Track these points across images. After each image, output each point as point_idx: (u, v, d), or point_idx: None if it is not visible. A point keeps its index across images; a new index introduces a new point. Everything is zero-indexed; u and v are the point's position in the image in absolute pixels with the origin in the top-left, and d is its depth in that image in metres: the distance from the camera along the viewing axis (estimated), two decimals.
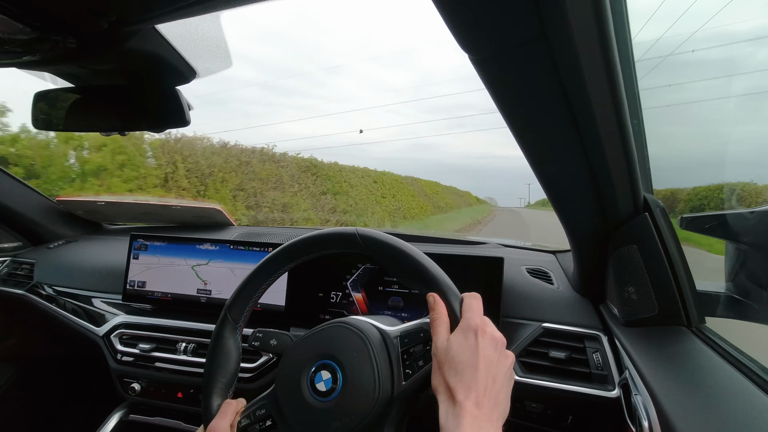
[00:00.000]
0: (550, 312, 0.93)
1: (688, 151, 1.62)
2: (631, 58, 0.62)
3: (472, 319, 0.52)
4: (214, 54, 0.66)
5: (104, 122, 0.78)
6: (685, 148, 1.59)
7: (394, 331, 0.60)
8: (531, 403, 0.86)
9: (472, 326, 0.51)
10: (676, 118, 1.64)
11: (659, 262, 0.71)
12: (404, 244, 0.59)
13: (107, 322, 1.18)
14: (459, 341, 0.50)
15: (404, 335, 0.58)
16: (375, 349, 0.57)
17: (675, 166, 1.32)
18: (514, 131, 0.61)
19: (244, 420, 0.60)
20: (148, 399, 1.14)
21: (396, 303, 1.00)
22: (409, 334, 0.58)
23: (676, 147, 1.42)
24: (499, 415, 0.47)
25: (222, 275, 1.16)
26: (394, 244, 0.59)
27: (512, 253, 1.25)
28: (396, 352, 0.57)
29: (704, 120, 1.70)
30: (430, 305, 0.55)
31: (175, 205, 1.56)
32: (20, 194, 1.50)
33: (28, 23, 0.48)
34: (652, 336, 0.72)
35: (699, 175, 1.94)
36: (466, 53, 0.48)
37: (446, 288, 0.56)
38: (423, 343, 0.56)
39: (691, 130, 1.70)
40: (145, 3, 0.49)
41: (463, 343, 0.50)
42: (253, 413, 0.60)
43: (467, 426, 0.43)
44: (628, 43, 0.61)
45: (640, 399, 0.62)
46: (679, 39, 1.61)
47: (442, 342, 0.51)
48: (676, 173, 1.41)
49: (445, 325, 0.53)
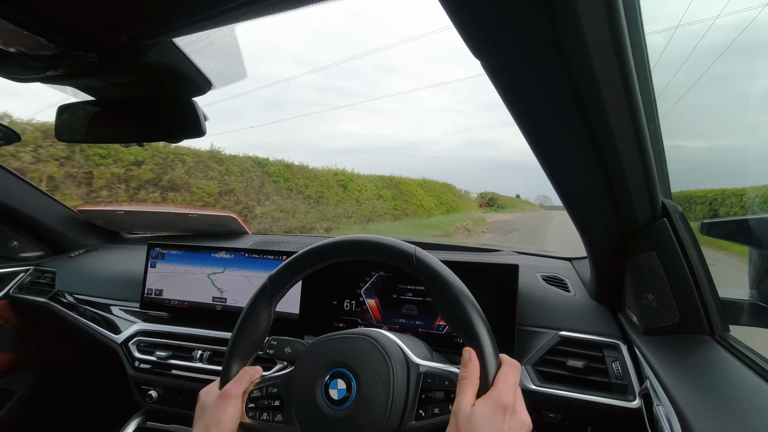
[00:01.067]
0: (566, 320, 0.91)
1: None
2: (647, 61, 0.62)
3: (505, 393, 0.50)
4: (230, 65, 0.67)
5: (123, 134, 0.80)
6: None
7: (421, 365, 0.58)
8: (549, 414, 0.85)
9: (503, 402, 0.49)
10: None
11: (679, 268, 0.69)
12: (458, 284, 0.57)
13: (125, 330, 1.20)
14: (485, 413, 0.48)
15: (429, 375, 0.57)
16: (396, 376, 0.56)
17: None
18: (527, 137, 0.60)
19: (256, 391, 0.62)
20: (165, 406, 1.15)
21: (410, 311, 0.99)
22: (434, 376, 0.56)
23: None
24: None
25: (238, 283, 1.17)
26: (448, 280, 0.57)
27: (527, 260, 1.24)
28: (416, 388, 0.56)
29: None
30: (464, 360, 0.53)
31: (191, 214, 1.59)
32: (43, 204, 1.55)
33: (52, 39, 0.50)
34: (674, 345, 0.70)
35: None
36: (479, 60, 0.48)
37: (487, 349, 0.53)
38: (445, 392, 0.55)
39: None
40: (163, 17, 0.51)
41: (489, 417, 0.48)
42: (266, 388, 0.62)
43: None
44: (643, 47, 0.60)
45: (663, 410, 0.60)
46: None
47: (466, 407, 0.49)
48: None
49: (473, 387, 0.51)
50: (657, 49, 0.63)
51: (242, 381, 0.61)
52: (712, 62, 1.81)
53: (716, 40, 2.57)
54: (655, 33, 0.69)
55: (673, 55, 2.76)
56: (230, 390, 0.60)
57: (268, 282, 0.65)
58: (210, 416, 0.58)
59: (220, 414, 0.58)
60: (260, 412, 0.60)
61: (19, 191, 1.46)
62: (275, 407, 0.60)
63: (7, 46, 0.50)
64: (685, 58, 2.79)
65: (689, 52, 3.41)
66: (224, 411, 0.58)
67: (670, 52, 1.35)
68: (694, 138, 7.64)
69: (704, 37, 3.08)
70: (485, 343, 0.53)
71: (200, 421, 0.59)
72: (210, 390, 0.63)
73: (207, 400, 0.61)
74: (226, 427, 0.57)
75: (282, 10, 0.47)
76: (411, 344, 0.63)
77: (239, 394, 0.60)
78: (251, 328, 0.64)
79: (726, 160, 1.88)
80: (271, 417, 0.60)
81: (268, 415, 0.60)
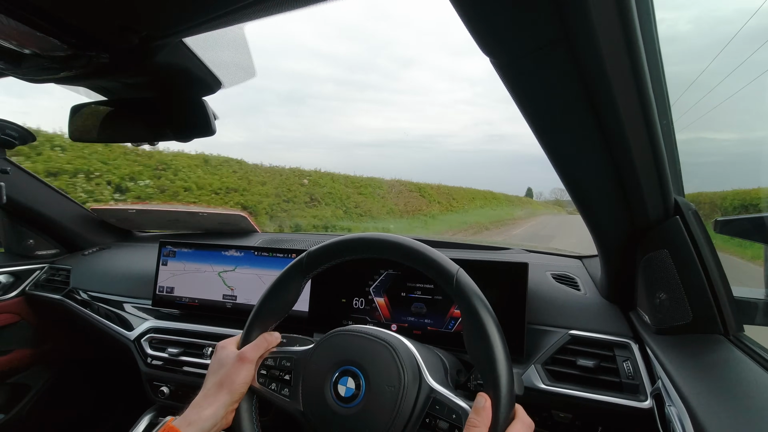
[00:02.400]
0: (577, 319, 0.91)
1: None
2: (659, 55, 0.61)
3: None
4: (239, 64, 0.68)
5: (134, 133, 0.81)
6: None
7: (434, 389, 0.57)
8: (559, 413, 0.84)
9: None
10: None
11: (692, 267, 0.68)
12: (494, 324, 0.54)
13: (138, 327, 1.22)
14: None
15: (438, 401, 0.56)
16: (406, 393, 0.56)
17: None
18: (537, 134, 0.60)
19: (270, 360, 0.64)
20: (177, 402, 1.16)
21: (419, 309, 0.99)
22: (443, 405, 0.55)
23: None
24: None
25: (248, 281, 1.18)
26: (483, 314, 0.54)
27: (537, 259, 1.23)
28: (422, 410, 0.56)
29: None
30: (477, 406, 0.51)
31: (201, 212, 1.60)
32: (58, 204, 1.57)
33: (65, 41, 0.51)
34: (686, 344, 0.69)
35: None
36: (488, 57, 0.48)
37: (504, 399, 0.51)
38: (450, 424, 0.54)
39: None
40: (174, 18, 0.51)
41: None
42: (280, 359, 0.63)
43: None
44: (655, 41, 0.59)
45: (675, 411, 0.59)
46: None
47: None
48: None
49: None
50: (686, 36, 0.61)
51: (260, 347, 0.64)
52: (751, 51, 1.72)
53: (752, 25, 2.48)
54: (682, 21, 0.67)
55: (704, 43, 2.64)
56: (247, 353, 0.62)
57: (306, 257, 0.66)
58: (225, 374, 0.61)
59: (235, 375, 0.60)
60: (270, 381, 0.62)
61: (34, 191, 1.49)
62: (284, 381, 0.62)
63: (22, 48, 0.51)
64: (718, 45, 2.69)
65: (721, 39, 3.32)
66: (238, 373, 0.61)
67: (699, 41, 1.29)
68: (724, 130, 7.45)
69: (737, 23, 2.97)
70: (503, 393, 0.51)
71: (214, 375, 0.62)
72: (227, 346, 0.65)
73: (224, 356, 0.63)
74: (238, 388, 0.60)
75: (290, 9, 0.47)
76: (428, 360, 0.62)
77: (255, 358, 0.63)
78: (279, 296, 0.66)
79: (758, 153, 1.84)
80: (279, 389, 0.62)
81: (276, 386, 0.62)
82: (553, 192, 66.00)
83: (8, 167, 1.29)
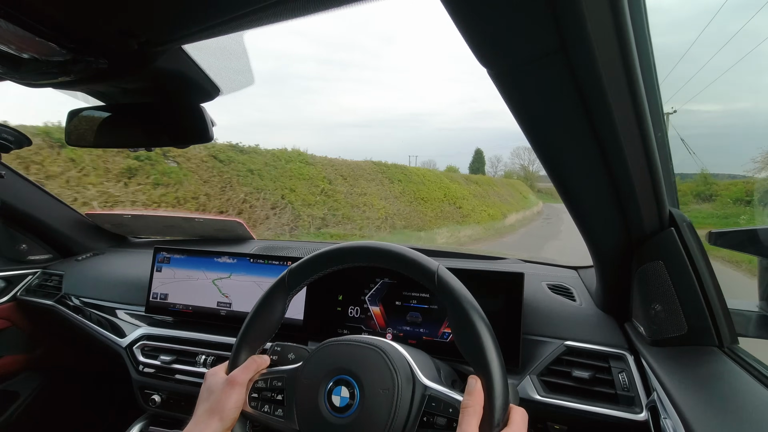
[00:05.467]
0: (572, 329, 0.90)
1: None
2: (653, 68, 0.61)
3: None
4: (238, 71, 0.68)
5: (132, 139, 0.81)
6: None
7: (428, 387, 0.58)
8: (554, 425, 0.83)
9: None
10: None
11: (687, 278, 0.68)
12: (477, 311, 0.56)
13: (130, 334, 1.21)
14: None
15: (434, 398, 0.56)
16: (401, 394, 0.56)
17: None
18: (533, 144, 0.60)
19: (261, 382, 0.63)
20: (168, 411, 1.15)
21: (414, 318, 0.98)
22: (439, 401, 0.56)
23: None
24: None
25: (243, 289, 1.17)
26: (467, 306, 0.56)
27: (532, 269, 1.23)
28: (418, 409, 0.56)
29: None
30: (469, 388, 0.52)
31: (197, 218, 1.60)
32: (51, 208, 1.56)
33: (64, 45, 0.51)
34: (681, 356, 0.69)
35: None
36: (484, 67, 0.48)
37: (497, 382, 0.52)
38: (448, 419, 0.54)
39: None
40: (173, 24, 0.51)
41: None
42: (270, 380, 0.62)
43: None
44: (650, 54, 0.60)
45: (670, 423, 0.59)
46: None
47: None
48: None
49: (476, 417, 0.51)
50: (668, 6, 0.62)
51: (249, 369, 0.62)
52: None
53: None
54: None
55: (686, 13, 2.63)
56: (237, 377, 0.61)
57: (287, 275, 0.65)
58: (215, 400, 0.59)
59: (225, 399, 0.59)
60: (262, 404, 0.61)
61: (28, 194, 1.48)
62: (277, 401, 0.61)
63: (20, 52, 0.51)
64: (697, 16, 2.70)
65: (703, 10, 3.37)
66: (229, 397, 0.59)
67: (680, 11, 1.27)
68: (707, 101, 7.51)
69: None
70: (495, 376, 0.52)
71: (205, 402, 0.60)
72: (217, 372, 0.64)
73: (213, 383, 0.62)
74: (229, 413, 0.58)
75: (289, 18, 0.47)
76: (420, 361, 0.62)
77: (245, 381, 0.61)
78: (264, 316, 0.65)
79: (742, 124, 1.80)
80: (272, 410, 0.60)
81: (269, 407, 0.61)
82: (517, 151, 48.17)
83: (3, 171, 1.28)
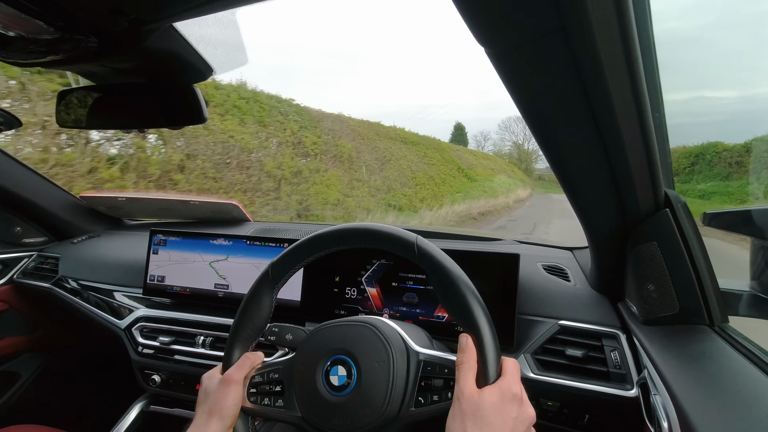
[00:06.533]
0: (566, 309, 0.92)
1: None
2: (653, 49, 0.61)
3: (514, 385, 0.51)
4: (231, 50, 0.67)
5: (124, 120, 0.80)
6: None
7: (421, 353, 0.59)
8: (547, 402, 0.85)
9: (513, 392, 0.50)
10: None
11: (680, 259, 0.69)
12: (459, 272, 0.57)
13: (129, 315, 1.22)
14: (494, 402, 0.49)
15: (428, 363, 0.58)
16: (396, 364, 0.57)
17: None
18: (530, 124, 0.60)
19: (258, 377, 0.63)
20: (168, 390, 1.17)
21: (411, 299, 0.99)
22: (434, 364, 0.57)
23: None
24: None
25: (240, 270, 1.17)
26: (449, 268, 0.57)
27: (528, 250, 1.24)
28: (415, 375, 0.57)
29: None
30: (461, 346, 0.54)
31: (193, 201, 1.59)
32: (46, 191, 1.55)
33: (52, 23, 0.50)
34: (673, 335, 0.71)
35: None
36: (482, 46, 0.48)
37: (486, 336, 0.54)
38: (444, 379, 0.56)
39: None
40: (163, 1, 0.50)
41: (498, 405, 0.49)
42: (267, 374, 0.63)
43: None
44: (650, 35, 0.59)
45: (660, 399, 0.60)
46: None
47: (471, 392, 0.50)
48: None
49: (472, 372, 0.52)
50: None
51: (244, 366, 0.62)
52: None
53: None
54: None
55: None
56: (232, 375, 0.61)
57: (270, 269, 0.66)
58: (213, 401, 0.59)
59: (223, 399, 0.59)
60: (262, 397, 0.62)
61: (22, 177, 1.47)
62: (276, 392, 0.61)
63: (7, 30, 0.50)
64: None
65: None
66: (226, 396, 0.59)
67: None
68: (724, 87, 7.50)
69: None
70: (484, 331, 0.54)
71: (203, 405, 0.60)
72: (212, 375, 0.64)
73: (209, 385, 0.62)
74: (228, 411, 0.58)
75: None
76: (411, 332, 0.64)
77: (241, 379, 0.61)
78: (253, 314, 0.65)
79: (760, 110, 1.81)
80: (273, 402, 0.61)
81: (269, 400, 0.61)
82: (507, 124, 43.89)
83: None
